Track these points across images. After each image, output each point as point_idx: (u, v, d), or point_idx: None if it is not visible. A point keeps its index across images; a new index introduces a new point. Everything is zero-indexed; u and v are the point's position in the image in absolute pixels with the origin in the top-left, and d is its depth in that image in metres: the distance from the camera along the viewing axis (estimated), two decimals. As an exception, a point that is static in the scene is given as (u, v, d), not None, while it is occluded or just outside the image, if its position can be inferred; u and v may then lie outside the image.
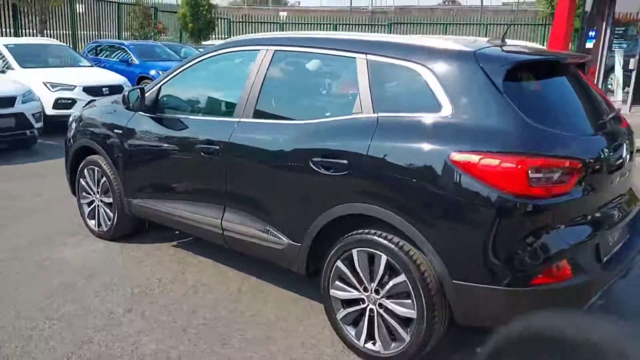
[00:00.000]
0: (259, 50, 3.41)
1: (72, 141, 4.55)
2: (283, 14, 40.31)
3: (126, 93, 3.79)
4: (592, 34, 12.67)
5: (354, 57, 2.97)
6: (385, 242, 2.69)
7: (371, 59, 2.90)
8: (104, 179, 4.26)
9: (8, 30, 15.40)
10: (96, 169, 4.32)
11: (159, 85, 3.90)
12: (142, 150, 3.92)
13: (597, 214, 2.72)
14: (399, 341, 2.75)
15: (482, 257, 2.48)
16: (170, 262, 4.06)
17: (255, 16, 32.79)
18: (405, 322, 2.72)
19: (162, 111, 3.84)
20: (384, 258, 2.72)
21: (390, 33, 26.89)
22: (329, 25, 28.41)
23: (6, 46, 9.63)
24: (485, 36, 26.23)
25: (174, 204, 3.81)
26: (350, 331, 2.94)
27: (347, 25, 27.85)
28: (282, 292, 3.59)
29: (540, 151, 2.43)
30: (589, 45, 12.62)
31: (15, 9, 15.35)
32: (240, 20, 28.00)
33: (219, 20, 25.91)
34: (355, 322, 2.92)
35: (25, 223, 4.85)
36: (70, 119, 4.73)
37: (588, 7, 13.04)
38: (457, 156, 2.47)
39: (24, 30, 15.64)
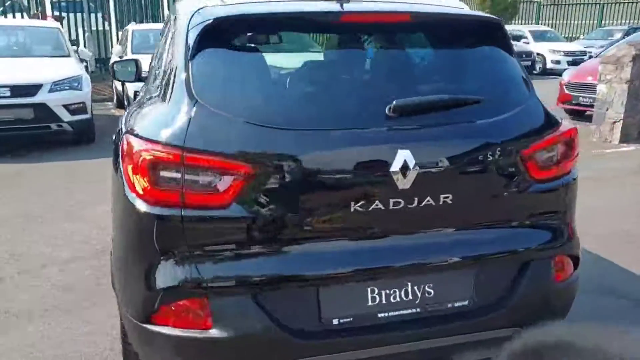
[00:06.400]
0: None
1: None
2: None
3: (111, 64, 4.02)
4: None
5: None
6: None
7: None
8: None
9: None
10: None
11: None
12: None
13: (318, 250, 1.75)
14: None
15: (118, 275, 1.93)
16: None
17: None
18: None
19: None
20: None
21: None
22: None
23: None
24: None
25: None
26: None
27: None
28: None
29: (183, 142, 1.64)
30: None
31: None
32: (552, 3, 25.11)
33: (524, 4, 24.02)
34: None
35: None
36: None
37: None
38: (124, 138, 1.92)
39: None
